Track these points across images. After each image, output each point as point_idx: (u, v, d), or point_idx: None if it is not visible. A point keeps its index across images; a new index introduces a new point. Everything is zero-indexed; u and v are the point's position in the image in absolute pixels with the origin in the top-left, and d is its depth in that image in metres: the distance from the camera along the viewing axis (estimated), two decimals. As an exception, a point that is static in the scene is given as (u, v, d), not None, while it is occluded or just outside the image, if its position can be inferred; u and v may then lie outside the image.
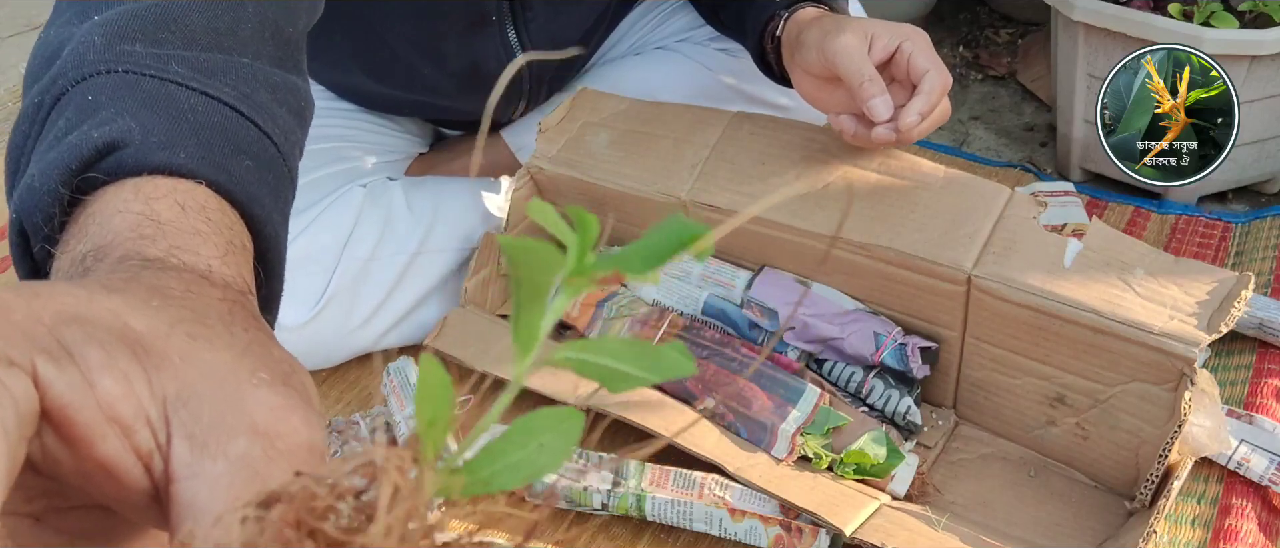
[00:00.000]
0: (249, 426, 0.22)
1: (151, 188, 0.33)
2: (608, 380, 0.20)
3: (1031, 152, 1.30)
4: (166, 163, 0.34)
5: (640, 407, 0.82)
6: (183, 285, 0.27)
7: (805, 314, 0.85)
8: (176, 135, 0.36)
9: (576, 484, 0.78)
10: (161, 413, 0.22)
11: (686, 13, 1.13)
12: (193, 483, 0.21)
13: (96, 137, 0.34)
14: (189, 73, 0.39)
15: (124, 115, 0.35)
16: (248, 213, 0.36)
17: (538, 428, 0.20)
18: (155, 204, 0.33)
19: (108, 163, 0.34)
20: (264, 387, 0.23)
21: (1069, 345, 0.76)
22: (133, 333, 0.22)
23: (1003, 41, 1.55)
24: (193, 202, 0.34)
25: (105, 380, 0.21)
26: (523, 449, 0.20)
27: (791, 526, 0.74)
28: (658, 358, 0.20)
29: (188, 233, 0.32)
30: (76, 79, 0.38)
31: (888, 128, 0.78)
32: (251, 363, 0.24)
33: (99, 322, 0.22)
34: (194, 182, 0.35)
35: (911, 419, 0.83)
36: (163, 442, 0.21)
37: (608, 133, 0.96)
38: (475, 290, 0.96)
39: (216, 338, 0.24)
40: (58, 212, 0.34)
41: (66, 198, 0.34)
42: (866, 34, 0.78)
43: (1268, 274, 1.02)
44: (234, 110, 0.39)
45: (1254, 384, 0.89)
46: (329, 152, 1.00)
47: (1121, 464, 0.79)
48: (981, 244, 0.79)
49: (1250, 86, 1.05)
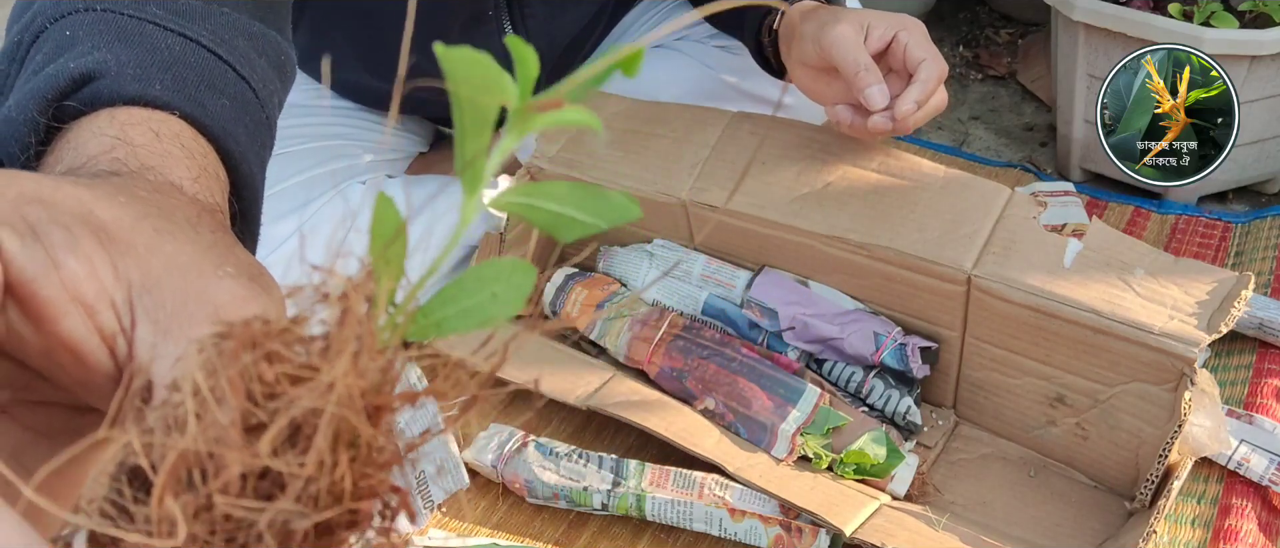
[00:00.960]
0: (211, 313, 0.22)
1: (126, 116, 0.34)
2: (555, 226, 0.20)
3: (1031, 152, 1.30)
4: (141, 93, 0.35)
5: (640, 407, 0.82)
6: (150, 189, 0.28)
7: (805, 314, 0.85)
8: (151, 69, 0.36)
9: (576, 484, 0.79)
10: (126, 298, 0.22)
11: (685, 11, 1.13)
12: (154, 364, 0.21)
13: (72, 68, 0.35)
14: (166, 15, 0.40)
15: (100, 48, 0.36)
16: (222, 148, 0.36)
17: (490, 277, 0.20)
18: (129, 130, 0.33)
19: (84, 93, 0.35)
20: (228, 278, 0.23)
21: (1069, 345, 0.76)
22: (97, 220, 0.22)
23: (1003, 41, 1.55)
24: (167, 130, 0.34)
25: (70, 261, 0.21)
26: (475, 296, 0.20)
27: (791, 526, 0.74)
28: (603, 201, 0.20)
29: (160, 155, 0.32)
30: (55, 17, 0.38)
31: (884, 116, 0.78)
32: (216, 258, 0.24)
33: (64, 206, 0.22)
34: (169, 113, 0.35)
35: (911, 419, 0.83)
36: (127, 326, 0.22)
37: (608, 132, 0.96)
38: (475, 290, 0.96)
39: (181, 233, 0.24)
40: (35, 141, 0.34)
41: (43, 126, 0.34)
42: (862, 24, 0.79)
43: (1268, 274, 1.02)
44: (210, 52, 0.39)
45: (1254, 384, 0.89)
46: (328, 149, 1.00)
47: (1121, 464, 0.79)
48: (981, 244, 0.79)
49: (1250, 86, 1.05)
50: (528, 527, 0.81)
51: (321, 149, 0.99)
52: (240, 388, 0.17)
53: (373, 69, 0.99)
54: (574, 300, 0.94)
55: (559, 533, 0.81)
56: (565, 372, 0.87)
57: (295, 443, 0.17)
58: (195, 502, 0.17)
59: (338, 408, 0.17)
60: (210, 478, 0.17)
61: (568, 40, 1.02)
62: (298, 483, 0.17)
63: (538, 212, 0.20)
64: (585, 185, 0.21)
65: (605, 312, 0.92)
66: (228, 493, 0.17)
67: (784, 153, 0.89)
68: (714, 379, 0.83)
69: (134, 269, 0.22)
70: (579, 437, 0.88)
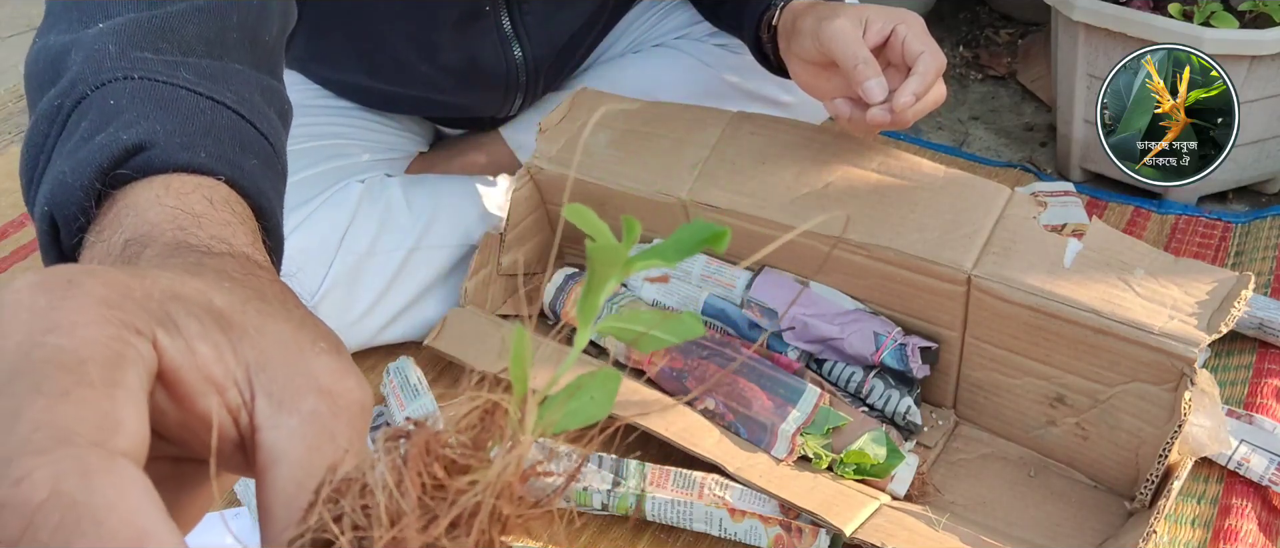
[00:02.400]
0: (316, 387, 0.26)
1: (180, 184, 0.37)
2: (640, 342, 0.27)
3: (1031, 152, 1.30)
4: (189, 162, 0.38)
5: (640, 407, 0.82)
6: (242, 270, 0.32)
7: (805, 314, 0.85)
8: (194, 137, 0.39)
9: (576, 484, 0.78)
10: (246, 376, 0.26)
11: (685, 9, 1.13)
12: (274, 433, 0.25)
13: (125, 138, 0.38)
14: (195, 78, 0.43)
15: (147, 119, 0.39)
16: (257, 205, 0.40)
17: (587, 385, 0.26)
18: (186, 198, 0.36)
19: (136, 162, 0.38)
20: (325, 354, 0.27)
21: (1069, 345, 0.76)
22: (216, 309, 0.26)
23: (1003, 41, 1.55)
24: (217, 196, 0.37)
25: (202, 348, 0.25)
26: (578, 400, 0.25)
27: (791, 526, 0.74)
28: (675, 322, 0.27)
29: (220, 224, 0.36)
30: (96, 84, 0.41)
31: (883, 109, 0.78)
32: (310, 333, 0.28)
33: (192, 299, 0.26)
34: (215, 178, 0.38)
35: (911, 419, 0.83)
36: (248, 399, 0.26)
37: (608, 133, 0.96)
38: (475, 291, 0.95)
39: (278, 313, 0.28)
40: (92, 205, 0.37)
41: (99, 193, 0.37)
42: (861, 19, 0.79)
43: (1268, 274, 1.02)
44: (236, 113, 0.43)
45: (1254, 384, 0.89)
46: (328, 148, 1.00)
47: (1121, 464, 0.79)
48: (981, 244, 0.79)
49: (1250, 86, 1.05)
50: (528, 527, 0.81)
51: (320, 148, 0.99)
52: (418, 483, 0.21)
53: (371, 70, 0.99)
54: (574, 300, 0.94)
55: (559, 533, 0.81)
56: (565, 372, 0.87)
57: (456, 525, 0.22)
58: None
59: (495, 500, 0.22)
60: None
61: (566, 37, 1.02)
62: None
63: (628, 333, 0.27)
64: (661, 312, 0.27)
65: (605, 312, 0.92)
66: None
67: (784, 153, 0.88)
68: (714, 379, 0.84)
69: (249, 351, 0.26)
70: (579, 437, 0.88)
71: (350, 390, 0.27)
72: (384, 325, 0.95)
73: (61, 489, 0.20)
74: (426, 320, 0.96)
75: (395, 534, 0.21)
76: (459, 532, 0.22)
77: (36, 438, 0.21)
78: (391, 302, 0.94)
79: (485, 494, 0.22)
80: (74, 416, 0.22)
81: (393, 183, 0.99)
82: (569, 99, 0.99)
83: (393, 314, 0.95)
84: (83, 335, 0.23)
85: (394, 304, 0.95)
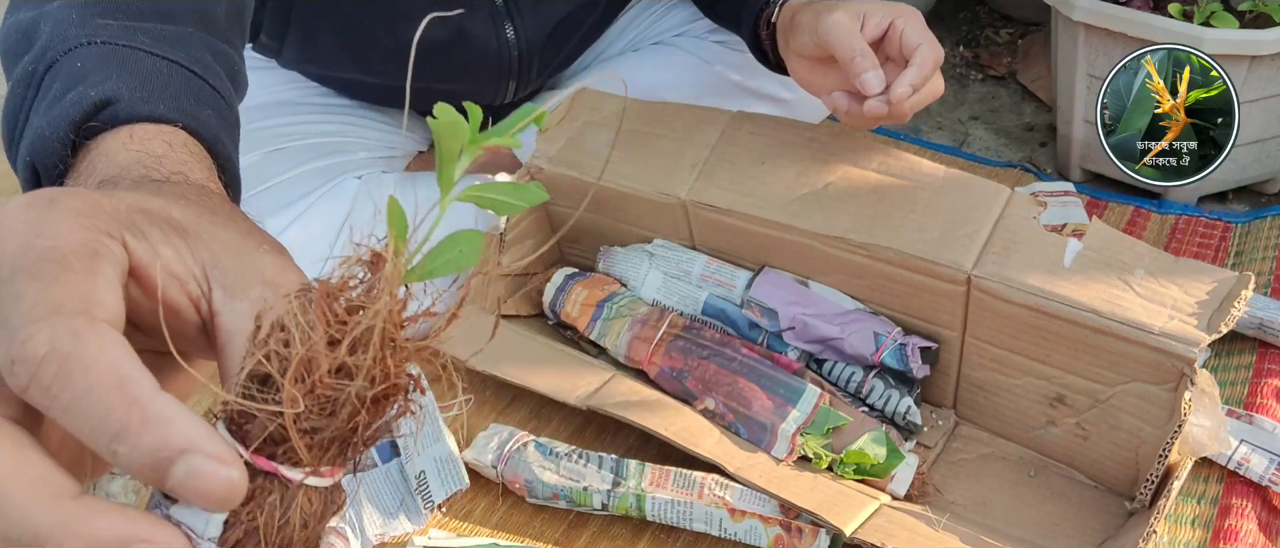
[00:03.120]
0: (261, 278, 0.32)
1: (143, 132, 0.43)
2: (496, 206, 0.32)
3: (1031, 152, 1.30)
4: (150, 113, 0.44)
5: (640, 407, 0.82)
6: (196, 194, 0.38)
7: (805, 314, 0.85)
8: (152, 92, 0.46)
9: (576, 484, 0.78)
10: (203, 273, 0.31)
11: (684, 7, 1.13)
12: (228, 316, 0.31)
13: (93, 95, 0.44)
14: (151, 42, 0.50)
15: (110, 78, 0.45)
16: (211, 149, 0.46)
17: (456, 241, 0.31)
18: (148, 143, 0.43)
19: (104, 115, 0.44)
20: (268, 253, 0.33)
21: (1069, 345, 0.76)
22: (175, 220, 0.32)
23: (1003, 41, 1.55)
24: (176, 140, 0.44)
25: (165, 250, 0.31)
26: (448, 253, 0.31)
27: (791, 526, 0.74)
28: (523, 190, 0.33)
29: (178, 162, 0.42)
30: (63, 51, 0.48)
31: (880, 101, 0.78)
32: (255, 240, 0.33)
33: (155, 212, 0.32)
34: (174, 126, 0.45)
35: (911, 419, 0.83)
36: (206, 291, 0.31)
37: (608, 133, 0.96)
38: (475, 290, 0.96)
39: (227, 224, 0.34)
40: (68, 155, 0.44)
41: (73, 143, 0.44)
42: (858, 12, 0.79)
43: (1268, 274, 1.02)
44: (189, 71, 0.49)
45: (1254, 384, 0.89)
46: (326, 146, 1.01)
47: (1121, 464, 0.79)
48: (981, 244, 0.79)
49: (1250, 86, 1.05)
50: (528, 527, 0.81)
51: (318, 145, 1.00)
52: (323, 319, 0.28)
53: (364, 66, 0.99)
54: (574, 300, 0.94)
55: (559, 533, 0.81)
56: (565, 372, 0.87)
57: (356, 349, 0.28)
58: (304, 388, 0.27)
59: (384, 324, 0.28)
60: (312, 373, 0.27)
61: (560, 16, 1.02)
62: (362, 371, 0.28)
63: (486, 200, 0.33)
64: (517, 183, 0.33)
65: (605, 312, 0.92)
66: (323, 381, 0.28)
67: (784, 153, 0.88)
68: (714, 379, 0.83)
69: (204, 252, 0.32)
70: (579, 437, 0.88)
71: (290, 282, 0.32)
72: None
73: (57, 346, 0.26)
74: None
75: (305, 353, 0.27)
76: (359, 354, 0.28)
77: (35, 310, 0.27)
78: None
79: (376, 321, 0.28)
80: (63, 294, 0.27)
81: (389, 178, 0.99)
82: (569, 99, 0.99)
83: None
84: (65, 238, 0.29)
85: None
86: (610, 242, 0.98)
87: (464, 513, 0.82)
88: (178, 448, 0.26)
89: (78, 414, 0.26)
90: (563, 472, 0.79)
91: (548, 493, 0.79)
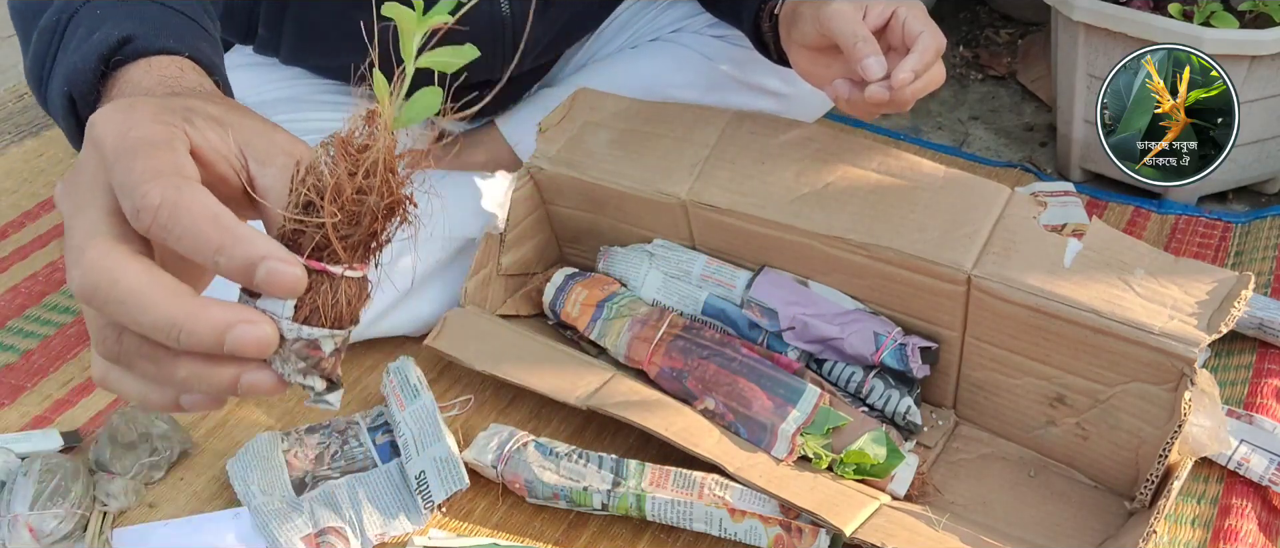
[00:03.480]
0: (283, 149, 0.42)
1: (159, 62, 0.52)
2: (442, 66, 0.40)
3: (1031, 152, 1.30)
4: (162, 46, 0.53)
5: (640, 407, 0.82)
6: (216, 97, 0.48)
7: (805, 314, 0.85)
8: (161, 31, 0.54)
9: (576, 484, 0.78)
10: (238, 151, 0.42)
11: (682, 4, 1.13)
12: (263, 179, 0.41)
13: (115, 34, 0.53)
14: None
15: (127, 20, 0.54)
16: (212, 74, 0.54)
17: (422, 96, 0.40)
18: (165, 69, 0.52)
19: (126, 50, 0.52)
20: (281, 132, 0.43)
21: (1069, 345, 0.76)
22: (211, 114, 0.42)
23: (1003, 41, 1.55)
24: (186, 66, 0.53)
25: (211, 135, 0.41)
26: (418, 105, 0.40)
27: (791, 526, 0.74)
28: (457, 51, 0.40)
29: (193, 81, 0.51)
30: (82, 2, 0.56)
31: (881, 86, 0.78)
32: (269, 126, 0.44)
33: (197, 110, 0.42)
34: (181, 57, 0.53)
35: (911, 419, 0.83)
36: (244, 164, 0.41)
37: (608, 132, 0.96)
38: (475, 290, 0.95)
39: (248, 114, 0.44)
40: (99, 84, 0.52)
41: (101, 73, 0.52)
42: (862, 2, 0.80)
43: (1268, 274, 1.02)
44: (184, 15, 0.58)
45: (1254, 384, 0.89)
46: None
47: (1121, 464, 0.79)
48: (981, 244, 0.79)
49: (1250, 86, 1.05)
50: (528, 527, 0.81)
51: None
52: (343, 158, 0.38)
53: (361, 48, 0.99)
54: (574, 300, 0.93)
55: (559, 533, 0.81)
56: (565, 372, 0.87)
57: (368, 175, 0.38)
58: (336, 206, 0.38)
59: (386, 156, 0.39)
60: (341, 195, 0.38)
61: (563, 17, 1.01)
62: (374, 190, 0.39)
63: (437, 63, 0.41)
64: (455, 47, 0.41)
65: (605, 312, 0.92)
66: (350, 199, 0.38)
67: (784, 153, 0.88)
68: (714, 379, 0.83)
69: (238, 135, 0.42)
70: (579, 437, 0.88)
71: (303, 152, 0.42)
72: (379, 316, 0.95)
73: (166, 197, 0.37)
74: (422, 314, 0.97)
75: (335, 181, 0.38)
76: (371, 178, 0.38)
77: (145, 175, 0.37)
78: (387, 292, 0.95)
79: (380, 154, 0.38)
80: (160, 163, 0.38)
81: None
82: (569, 99, 0.99)
83: (387, 306, 0.95)
84: (149, 128, 0.39)
85: (388, 295, 0.95)
86: (610, 242, 0.98)
87: (464, 513, 0.82)
88: (259, 255, 0.37)
89: (188, 240, 0.37)
90: (563, 472, 0.79)
91: (548, 493, 0.79)
